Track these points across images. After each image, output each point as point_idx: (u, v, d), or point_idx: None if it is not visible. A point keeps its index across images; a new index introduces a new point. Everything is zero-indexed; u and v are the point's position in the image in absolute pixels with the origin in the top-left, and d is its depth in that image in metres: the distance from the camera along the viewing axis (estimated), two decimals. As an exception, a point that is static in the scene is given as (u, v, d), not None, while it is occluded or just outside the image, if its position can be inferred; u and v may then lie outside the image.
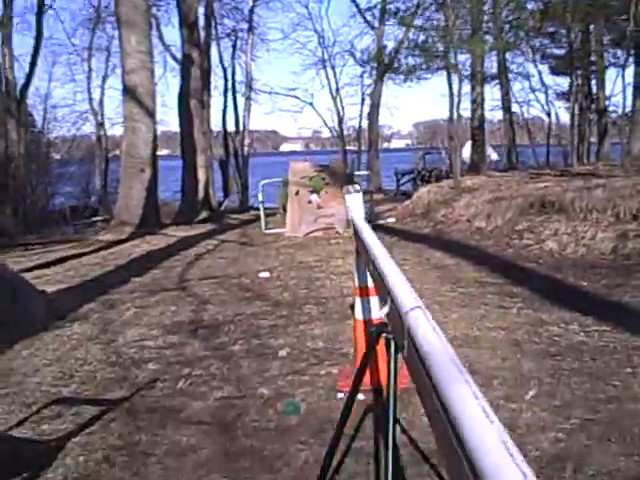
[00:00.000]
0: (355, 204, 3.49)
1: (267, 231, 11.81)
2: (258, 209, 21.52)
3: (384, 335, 1.67)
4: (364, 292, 3.52)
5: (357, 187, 3.55)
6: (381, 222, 12.56)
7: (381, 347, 3.49)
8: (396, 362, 1.60)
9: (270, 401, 3.37)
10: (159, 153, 13.64)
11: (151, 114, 12.90)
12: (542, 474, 2.45)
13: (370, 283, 3.54)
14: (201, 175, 16.26)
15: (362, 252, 2.90)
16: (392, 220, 12.79)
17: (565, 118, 27.65)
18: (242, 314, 5.39)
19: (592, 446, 2.67)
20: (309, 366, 3.93)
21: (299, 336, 4.63)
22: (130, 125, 12.70)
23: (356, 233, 3.23)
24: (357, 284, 3.55)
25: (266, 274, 7.19)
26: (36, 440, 2.97)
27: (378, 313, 3.10)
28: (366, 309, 3.52)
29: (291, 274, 7.18)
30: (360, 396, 3.35)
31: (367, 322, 3.51)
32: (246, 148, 23.34)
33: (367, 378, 3.49)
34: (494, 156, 24.68)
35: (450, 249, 8.12)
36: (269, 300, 5.90)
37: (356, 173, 13.97)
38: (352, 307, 5.29)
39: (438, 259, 7.54)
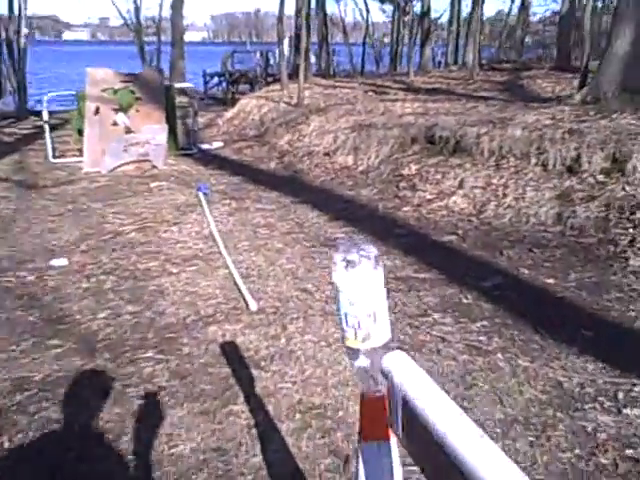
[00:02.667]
0: (377, 294, 1.15)
1: (55, 160, 8.73)
2: (39, 114, 17.72)
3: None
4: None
5: (372, 249, 1.19)
6: (205, 147, 10.00)
7: None
8: None
9: None
10: None
11: None
12: None
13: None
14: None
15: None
16: (219, 144, 10.26)
17: (379, 19, 26.12)
18: (24, 391, 2.86)
19: None
20: None
21: None
22: None
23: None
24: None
25: (62, 261, 4.55)
26: None
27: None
28: None
29: (103, 260, 4.61)
30: None
31: None
32: (23, 39, 18.46)
33: None
34: (312, 58, 22.51)
35: (324, 206, 5.95)
36: (75, 334, 3.40)
37: (178, 86, 11.02)
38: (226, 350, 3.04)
39: (316, 226, 5.36)
